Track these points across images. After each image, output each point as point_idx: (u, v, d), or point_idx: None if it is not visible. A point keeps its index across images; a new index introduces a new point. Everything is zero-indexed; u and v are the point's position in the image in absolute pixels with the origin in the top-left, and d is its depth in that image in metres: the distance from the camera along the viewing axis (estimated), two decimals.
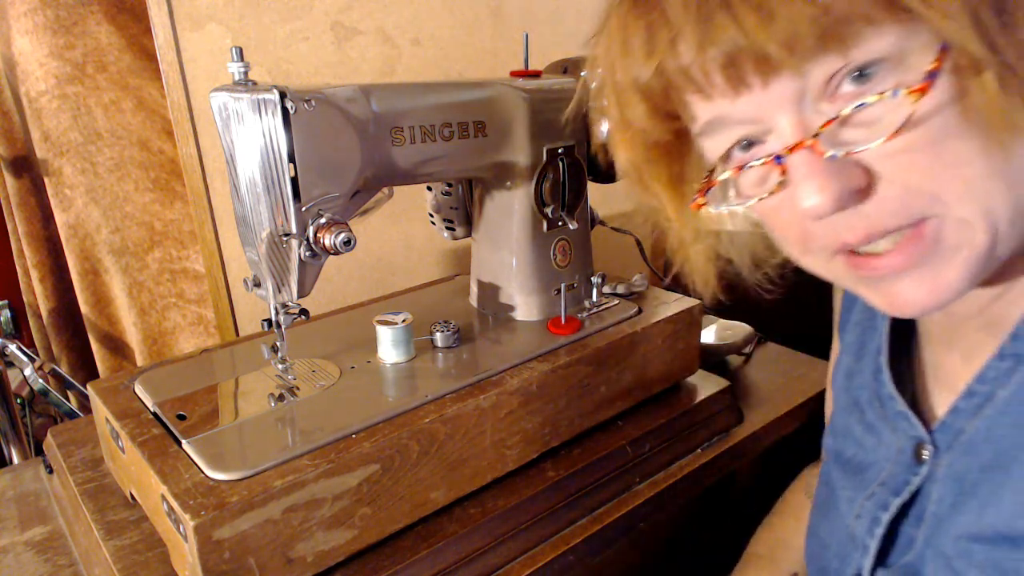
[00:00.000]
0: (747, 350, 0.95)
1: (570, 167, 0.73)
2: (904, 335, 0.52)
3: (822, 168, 0.35)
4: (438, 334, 0.69)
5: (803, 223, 0.39)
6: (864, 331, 0.55)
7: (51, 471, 0.74)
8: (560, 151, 0.72)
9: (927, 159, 0.34)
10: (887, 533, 0.48)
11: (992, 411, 0.42)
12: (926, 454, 0.46)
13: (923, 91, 0.33)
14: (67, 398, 1.15)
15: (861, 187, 0.36)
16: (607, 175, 0.83)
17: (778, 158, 0.37)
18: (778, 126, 0.37)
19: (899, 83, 0.34)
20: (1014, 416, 0.40)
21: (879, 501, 0.49)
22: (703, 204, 0.42)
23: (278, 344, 0.62)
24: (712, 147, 0.41)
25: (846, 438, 0.56)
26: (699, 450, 0.75)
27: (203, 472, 0.51)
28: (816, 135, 0.35)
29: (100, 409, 0.63)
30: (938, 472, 0.45)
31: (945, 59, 0.33)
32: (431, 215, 0.83)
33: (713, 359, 0.91)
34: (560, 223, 0.75)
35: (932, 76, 0.33)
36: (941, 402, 0.48)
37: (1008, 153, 0.34)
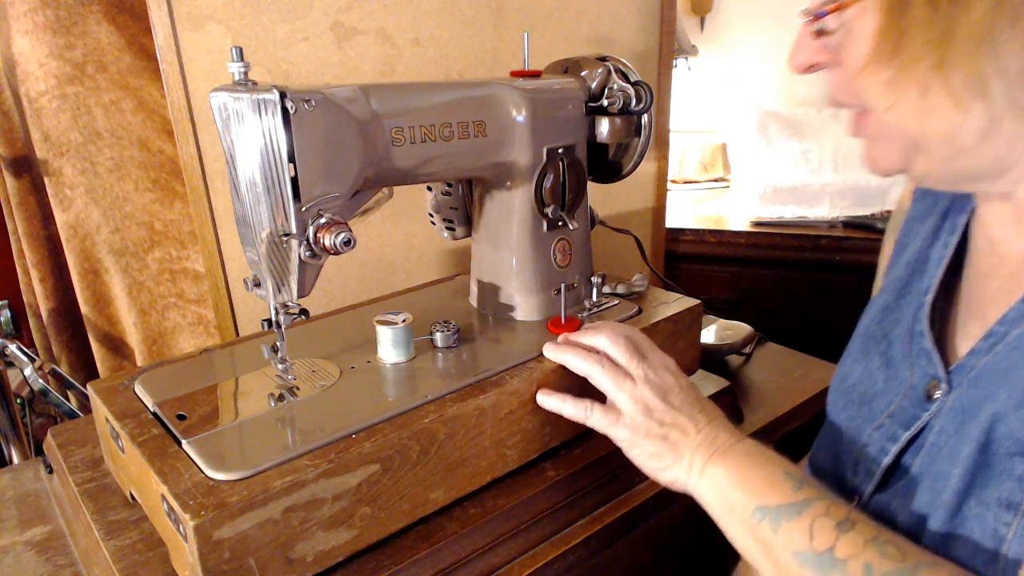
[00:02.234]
0: (747, 350, 0.95)
1: (570, 167, 0.73)
2: (953, 282, 0.55)
3: (802, 40, 0.48)
4: (438, 334, 0.69)
5: None
6: (914, 271, 0.58)
7: (51, 471, 0.74)
8: (560, 151, 0.72)
9: (858, 64, 0.45)
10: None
11: (1003, 348, 0.46)
12: (938, 393, 0.49)
13: (848, 4, 0.44)
14: (67, 398, 1.15)
15: (827, 63, 0.48)
16: (607, 175, 0.83)
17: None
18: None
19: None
20: (1022, 351, 0.44)
21: (887, 432, 0.52)
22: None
23: (278, 344, 0.62)
24: None
25: (857, 365, 0.59)
26: None
27: (203, 472, 0.51)
28: (811, 18, 0.47)
29: (100, 409, 0.63)
30: (945, 407, 0.48)
31: None
32: (431, 215, 0.83)
33: (713, 359, 0.92)
34: (560, 223, 0.75)
35: None
36: (966, 340, 0.51)
37: (928, 93, 0.43)
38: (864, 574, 0.44)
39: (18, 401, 1.14)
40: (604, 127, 0.75)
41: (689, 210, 1.70)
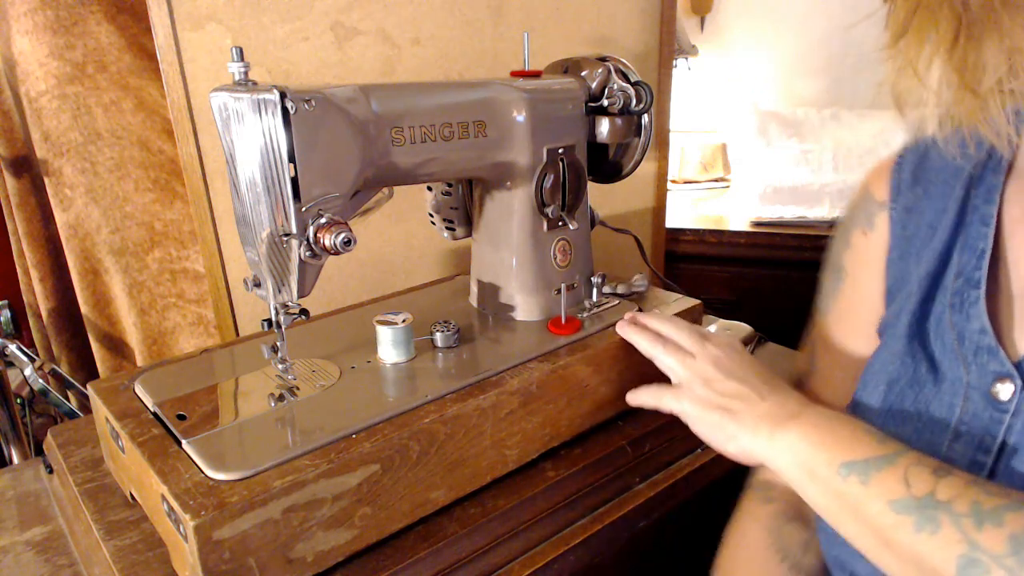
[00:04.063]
0: (747, 350, 0.95)
1: (570, 167, 0.73)
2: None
3: None
4: (438, 334, 0.69)
5: None
6: (941, 265, 0.53)
7: (51, 471, 0.74)
8: (560, 151, 0.72)
9: None
10: None
11: None
12: (1010, 392, 0.45)
13: None
14: (67, 398, 1.15)
15: None
16: (607, 175, 0.83)
17: None
18: None
19: None
20: None
21: (965, 459, 0.47)
22: None
23: (278, 344, 0.62)
24: None
25: (903, 370, 0.53)
26: (699, 450, 0.75)
27: (203, 472, 0.51)
28: None
29: (100, 409, 0.63)
30: (1021, 406, 0.45)
31: None
32: (431, 215, 0.83)
33: None
34: (560, 223, 0.75)
35: None
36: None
37: None
38: (972, 510, 0.41)
39: (18, 401, 1.15)
40: (604, 127, 0.75)
41: (689, 210, 1.70)
